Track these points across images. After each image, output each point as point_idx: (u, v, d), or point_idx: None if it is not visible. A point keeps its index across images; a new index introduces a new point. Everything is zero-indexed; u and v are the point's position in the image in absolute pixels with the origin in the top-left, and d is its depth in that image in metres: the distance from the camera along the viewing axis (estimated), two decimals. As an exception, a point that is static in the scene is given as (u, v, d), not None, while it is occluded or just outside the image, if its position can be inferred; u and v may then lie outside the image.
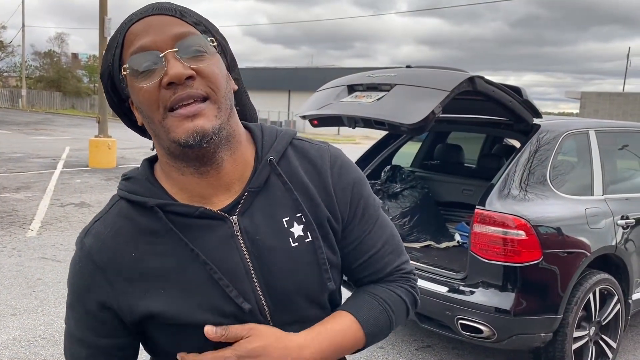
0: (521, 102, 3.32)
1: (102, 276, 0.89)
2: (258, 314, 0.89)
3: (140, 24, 0.84)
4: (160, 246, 0.88)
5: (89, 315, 0.91)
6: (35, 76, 54.05)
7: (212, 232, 0.88)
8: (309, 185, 0.94)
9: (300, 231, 0.92)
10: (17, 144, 17.10)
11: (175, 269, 0.87)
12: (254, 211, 0.90)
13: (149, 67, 0.81)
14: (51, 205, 8.25)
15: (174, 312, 0.86)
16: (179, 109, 0.81)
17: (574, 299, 3.22)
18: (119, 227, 0.91)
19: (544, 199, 3.26)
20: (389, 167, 4.45)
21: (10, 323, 3.97)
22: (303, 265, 0.91)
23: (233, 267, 0.88)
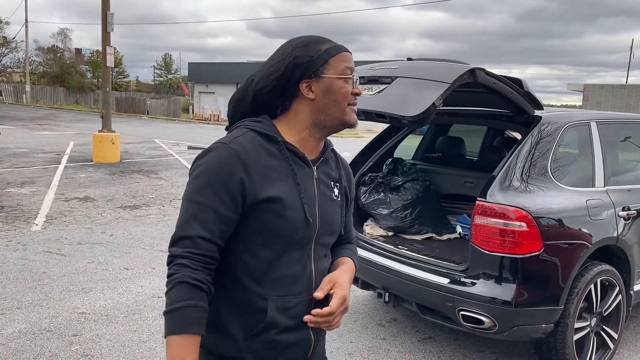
0: (522, 94, 3.32)
1: (243, 168, 1.29)
2: (314, 225, 1.38)
3: (350, 55, 1.42)
4: (277, 164, 1.34)
5: (227, 191, 1.28)
6: (38, 72, 54.13)
7: (304, 170, 1.39)
8: (340, 171, 1.52)
9: (337, 192, 1.48)
10: (21, 139, 17.16)
11: (284, 180, 1.34)
12: (322, 170, 1.45)
13: (353, 81, 1.39)
14: (55, 199, 8.30)
15: (282, 197, 1.31)
16: (353, 106, 1.41)
17: (575, 290, 3.23)
18: (256, 146, 1.33)
19: (545, 191, 3.27)
20: (390, 159, 4.45)
21: (16, 316, 4.01)
22: (335, 211, 1.46)
23: (310, 194, 1.38)
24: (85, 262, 5.34)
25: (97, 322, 3.98)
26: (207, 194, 1.27)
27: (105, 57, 13.32)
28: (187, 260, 1.26)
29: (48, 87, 50.27)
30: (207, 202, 1.27)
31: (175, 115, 41.57)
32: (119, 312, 4.18)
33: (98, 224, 6.92)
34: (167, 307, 1.26)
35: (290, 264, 1.35)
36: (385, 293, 3.64)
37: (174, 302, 1.24)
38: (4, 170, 10.68)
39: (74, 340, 3.67)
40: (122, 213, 7.64)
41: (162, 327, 3.93)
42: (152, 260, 5.49)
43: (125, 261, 5.44)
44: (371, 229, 4.23)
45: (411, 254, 3.64)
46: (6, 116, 28.33)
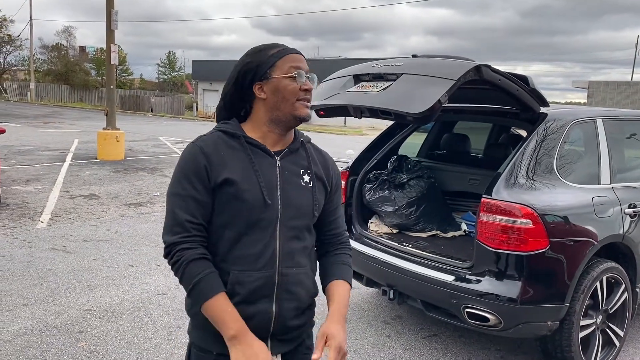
0: (528, 91, 3.30)
1: (205, 157, 1.50)
2: (275, 207, 1.52)
3: (297, 56, 1.58)
4: (237, 154, 1.53)
5: (198, 179, 1.49)
6: (43, 69, 54.22)
7: (265, 159, 1.55)
8: (317, 162, 1.67)
9: (307, 178, 1.61)
10: (26, 137, 17.21)
11: (242, 167, 1.51)
12: (288, 160, 1.59)
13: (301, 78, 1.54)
14: (60, 197, 8.32)
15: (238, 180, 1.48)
16: (304, 101, 1.55)
17: (580, 287, 3.22)
18: (217, 141, 1.54)
19: (551, 188, 3.26)
20: (395, 157, 4.45)
21: (22, 313, 4.03)
22: (304, 196, 1.58)
23: (270, 180, 1.53)
24: (90, 259, 5.36)
25: (102, 319, 3.99)
26: (183, 185, 1.49)
27: (110, 54, 13.34)
28: (185, 244, 1.46)
29: (52, 84, 50.38)
30: (185, 192, 1.49)
31: (179, 113, 41.62)
32: (124, 309, 4.19)
33: (103, 222, 6.94)
34: (189, 284, 1.45)
35: (252, 244, 1.50)
36: (390, 290, 3.64)
37: (194, 277, 1.44)
38: (10, 168, 10.72)
39: (80, 337, 3.69)
40: (126, 210, 7.66)
41: (167, 324, 3.94)
42: (157, 258, 5.50)
43: (130, 258, 5.45)
44: (376, 226, 4.22)
45: (416, 251, 3.64)
46: (11, 114, 28.42)
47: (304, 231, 1.59)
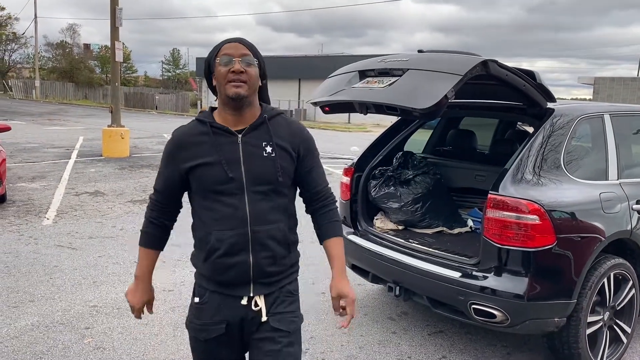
0: (535, 86, 3.28)
1: (178, 147, 1.89)
2: (239, 181, 1.82)
3: (229, 44, 1.84)
4: (205, 138, 1.85)
5: (168, 160, 1.92)
6: (48, 67, 54.38)
7: (228, 139, 1.85)
8: (281, 132, 1.90)
9: (269, 149, 1.86)
10: (31, 134, 17.27)
11: (208, 150, 1.84)
12: (250, 136, 1.86)
13: (228, 62, 1.80)
14: (66, 194, 8.35)
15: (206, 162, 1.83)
16: (233, 82, 1.79)
17: (588, 283, 3.20)
18: (190, 129, 1.90)
19: (558, 184, 3.24)
20: (400, 153, 4.43)
21: (29, 309, 4.04)
22: (266, 165, 1.84)
23: (233, 157, 1.83)
24: (96, 256, 5.37)
25: (108, 315, 4.00)
26: (162, 164, 1.95)
27: (114, 52, 13.35)
28: (150, 204, 2.01)
29: (57, 82, 50.51)
30: (161, 169, 1.95)
31: (183, 110, 41.65)
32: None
33: (108, 218, 6.95)
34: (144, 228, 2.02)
35: (224, 208, 1.83)
36: (395, 287, 3.63)
37: (142, 228, 2.02)
38: (15, 165, 10.75)
39: (86, 333, 3.70)
40: (132, 207, 7.67)
41: (173, 320, 3.95)
42: (162, 254, 5.45)
43: (135, 255, 5.42)
44: (381, 222, 4.21)
45: (422, 248, 3.63)
46: (16, 111, 28.51)
47: (271, 194, 1.87)
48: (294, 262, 1.98)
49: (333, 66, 4.44)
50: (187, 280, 4.80)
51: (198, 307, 1.93)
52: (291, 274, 1.97)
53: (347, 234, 4.10)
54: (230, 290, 1.87)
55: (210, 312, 1.89)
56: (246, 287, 1.86)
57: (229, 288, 1.87)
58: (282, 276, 1.92)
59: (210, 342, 1.91)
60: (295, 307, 1.97)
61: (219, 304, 1.88)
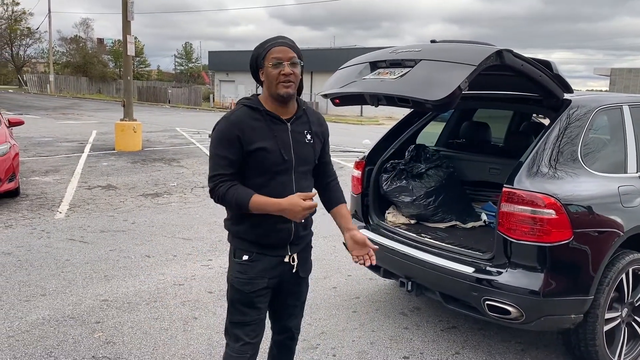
0: (551, 77, 3.19)
1: (239, 129, 2.12)
2: (290, 163, 2.17)
3: (279, 48, 2.12)
4: (260, 124, 2.15)
5: (231, 143, 2.12)
6: (62, 62, 54.82)
7: (280, 126, 2.17)
8: (315, 122, 2.30)
9: (309, 137, 2.25)
10: (45, 128, 17.41)
11: (266, 135, 2.14)
12: (295, 124, 2.22)
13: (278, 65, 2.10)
14: (79, 188, 8.38)
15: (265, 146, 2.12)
16: (283, 83, 2.10)
17: (605, 279, 3.12)
18: (245, 114, 2.16)
19: (575, 177, 3.15)
20: (413, 146, 4.35)
21: (40, 303, 4.05)
22: (308, 150, 2.25)
23: (286, 141, 2.17)
24: (107, 250, 5.37)
25: (119, 310, 4.00)
26: (220, 147, 2.14)
27: (126, 46, 13.37)
28: (218, 187, 2.14)
29: (71, 76, 50.93)
30: (221, 153, 2.13)
31: (196, 104, 41.77)
32: (141, 300, 4.19)
33: (120, 212, 6.97)
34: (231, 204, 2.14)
35: (278, 185, 2.16)
36: (407, 282, 3.57)
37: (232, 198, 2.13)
38: (29, 159, 10.83)
39: (97, 328, 3.69)
40: (144, 201, 7.69)
41: (183, 314, 3.93)
42: (174, 248, 5.50)
43: (146, 249, 5.46)
44: (393, 216, 4.15)
45: (435, 242, 3.56)
46: (31, 106, 28.78)
47: (308, 174, 2.30)
48: (312, 223, 2.41)
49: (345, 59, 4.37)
50: (198, 274, 4.78)
51: (245, 264, 2.24)
52: (310, 233, 2.41)
53: (358, 228, 4.04)
54: (273, 251, 2.24)
55: (258, 269, 2.23)
56: (285, 248, 2.27)
57: (271, 249, 2.24)
58: (307, 237, 2.38)
59: (253, 294, 2.23)
60: (310, 255, 2.45)
61: (265, 263, 2.24)
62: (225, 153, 2.12)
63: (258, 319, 2.29)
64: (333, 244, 5.81)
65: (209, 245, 5.68)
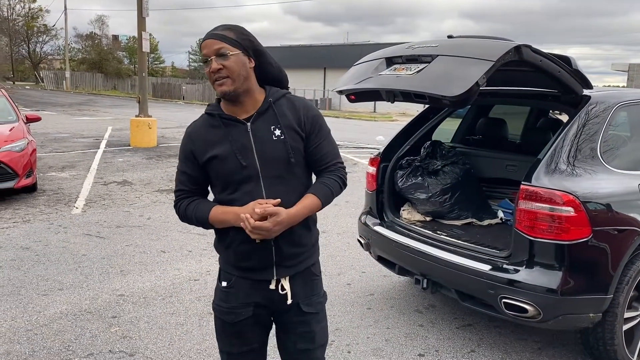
0: (570, 72, 3.15)
1: (191, 141, 1.92)
2: (253, 168, 1.85)
3: (204, 43, 1.83)
4: (217, 130, 1.89)
5: (187, 158, 1.93)
6: (78, 58, 55.35)
7: (238, 128, 1.88)
8: (287, 113, 1.91)
9: (279, 132, 1.88)
10: (61, 124, 17.59)
11: (220, 141, 1.87)
12: (258, 122, 1.88)
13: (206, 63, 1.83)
14: (95, 183, 8.46)
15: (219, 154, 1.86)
16: (216, 81, 1.83)
17: (625, 278, 3.08)
18: (202, 123, 1.94)
19: (594, 174, 3.11)
20: (428, 142, 4.33)
21: (58, 297, 4.09)
22: (278, 147, 1.87)
23: (244, 144, 1.86)
24: (123, 245, 5.42)
25: (135, 304, 4.03)
26: (180, 162, 1.97)
27: (141, 42, 13.45)
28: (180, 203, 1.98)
29: (87, 73, 51.39)
30: (181, 167, 1.97)
31: (210, 100, 41.82)
32: (157, 295, 4.22)
33: (136, 208, 7.02)
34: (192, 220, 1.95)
35: (243, 196, 1.85)
36: (423, 279, 3.55)
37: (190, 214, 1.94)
38: (46, 155, 10.95)
39: (113, 322, 3.72)
40: (159, 197, 7.74)
41: (199, 310, 3.95)
42: (189, 243, 5.53)
43: (162, 244, 5.49)
44: (408, 213, 4.13)
45: (451, 240, 3.54)
46: (48, 102, 29.10)
47: (286, 176, 1.89)
48: (314, 242, 2.01)
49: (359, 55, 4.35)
50: (213, 269, 4.80)
51: (225, 291, 1.96)
52: (312, 254, 2.01)
53: (373, 225, 4.03)
54: (256, 274, 1.91)
55: (238, 296, 1.94)
56: (269, 270, 1.91)
57: (254, 273, 1.91)
58: (304, 257, 1.96)
59: (237, 325, 1.95)
60: (320, 288, 2.04)
61: (246, 288, 1.93)
62: (184, 168, 1.94)
63: (249, 350, 2.00)
64: (347, 241, 5.80)
65: (224, 241, 5.70)
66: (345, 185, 2.01)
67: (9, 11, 52.78)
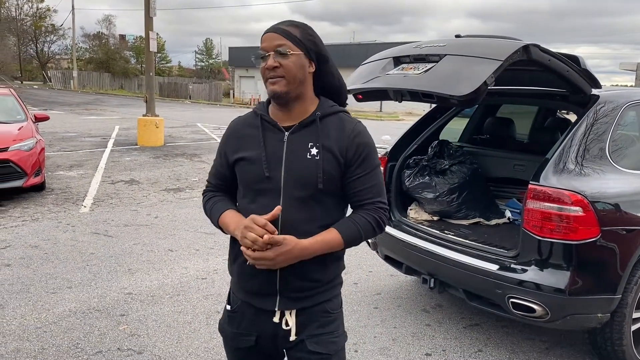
0: (579, 72, 3.14)
1: (228, 136, 1.80)
2: (276, 182, 1.65)
3: (263, 36, 1.66)
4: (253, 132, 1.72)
5: (220, 153, 1.82)
6: (85, 58, 55.62)
7: (274, 135, 1.70)
8: (332, 134, 1.68)
9: (315, 152, 1.65)
10: (69, 123, 17.68)
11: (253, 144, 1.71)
12: (297, 134, 1.68)
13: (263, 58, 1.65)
14: (102, 182, 8.51)
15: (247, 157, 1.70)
16: (269, 79, 1.64)
17: (634, 278, 3.07)
18: (244, 120, 1.79)
19: (602, 174, 3.10)
20: (436, 142, 4.32)
21: (66, 295, 4.12)
22: (309, 168, 1.64)
23: (275, 154, 1.67)
24: (131, 244, 5.45)
25: (143, 303, 4.05)
26: (216, 154, 1.86)
27: (148, 42, 13.50)
28: (204, 196, 1.88)
29: (94, 72, 51.63)
30: (215, 160, 1.86)
31: (216, 100, 42.01)
32: (164, 293, 4.24)
33: (143, 206, 7.05)
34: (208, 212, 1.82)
35: (259, 209, 1.63)
36: (430, 279, 3.55)
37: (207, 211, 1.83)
38: (54, 154, 11.02)
39: (122, 320, 3.75)
40: (166, 196, 7.77)
41: (206, 308, 3.96)
42: (196, 242, 5.55)
43: (169, 243, 5.52)
44: (415, 213, 4.13)
45: (458, 239, 3.53)
46: (56, 101, 29.26)
47: (309, 202, 1.65)
48: (331, 278, 1.73)
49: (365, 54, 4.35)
50: (220, 268, 4.82)
51: (230, 315, 1.81)
52: (327, 291, 1.73)
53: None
54: (258, 301, 1.71)
55: (241, 322, 1.77)
56: (272, 298, 1.68)
57: (256, 298, 1.71)
58: (314, 292, 1.70)
59: (240, 351, 1.80)
60: (336, 326, 1.74)
61: (250, 316, 1.75)
62: (216, 161, 1.84)
63: None
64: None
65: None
66: (382, 230, 1.72)
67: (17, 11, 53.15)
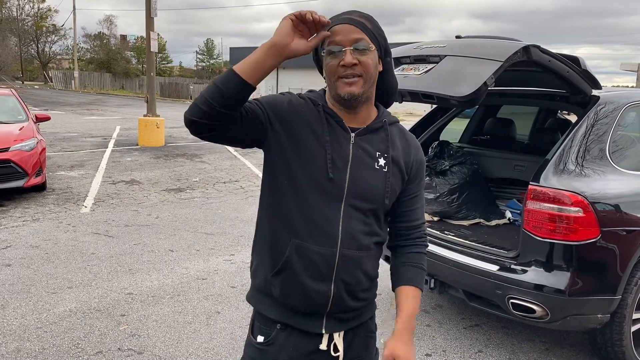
0: (579, 73, 3.14)
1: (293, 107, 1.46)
2: (338, 184, 1.43)
3: (339, 27, 1.41)
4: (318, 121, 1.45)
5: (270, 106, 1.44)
6: (86, 58, 55.70)
7: (340, 133, 1.46)
8: (398, 145, 1.53)
9: (383, 162, 1.48)
10: (70, 123, 17.69)
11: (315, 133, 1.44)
12: (364, 139, 1.48)
13: (337, 53, 1.40)
14: (103, 182, 8.51)
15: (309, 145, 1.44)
16: (344, 78, 1.40)
17: (634, 279, 3.07)
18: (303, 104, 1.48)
19: (603, 175, 3.10)
20: (436, 142, 4.33)
21: (67, 295, 4.13)
22: (376, 179, 1.47)
23: (341, 155, 1.44)
24: (131, 244, 5.45)
25: (143, 303, 4.05)
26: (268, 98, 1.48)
27: (150, 42, 13.51)
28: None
29: (95, 73, 51.69)
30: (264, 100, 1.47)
31: (217, 100, 41.98)
32: (165, 293, 4.24)
33: (144, 207, 7.06)
34: (213, 84, 1.34)
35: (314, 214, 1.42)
36: (430, 279, 3.55)
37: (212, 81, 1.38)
38: (55, 154, 11.03)
39: (122, 320, 3.75)
40: (167, 196, 7.77)
41: (206, 309, 3.96)
42: (196, 243, 5.55)
43: (170, 243, 5.52)
44: (416, 213, 4.13)
45: (458, 240, 3.54)
46: (56, 102, 29.28)
47: (370, 215, 1.47)
48: (374, 295, 1.60)
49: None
50: (221, 269, 4.82)
51: (260, 349, 1.52)
52: (370, 305, 1.60)
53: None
54: (300, 321, 1.49)
55: (279, 355, 1.50)
56: (319, 320, 1.49)
57: (300, 318, 1.49)
58: (360, 311, 1.55)
59: None
60: (373, 345, 1.63)
61: (290, 345, 1.50)
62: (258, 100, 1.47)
63: None
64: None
65: (231, 240, 5.73)
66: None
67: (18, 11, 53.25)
